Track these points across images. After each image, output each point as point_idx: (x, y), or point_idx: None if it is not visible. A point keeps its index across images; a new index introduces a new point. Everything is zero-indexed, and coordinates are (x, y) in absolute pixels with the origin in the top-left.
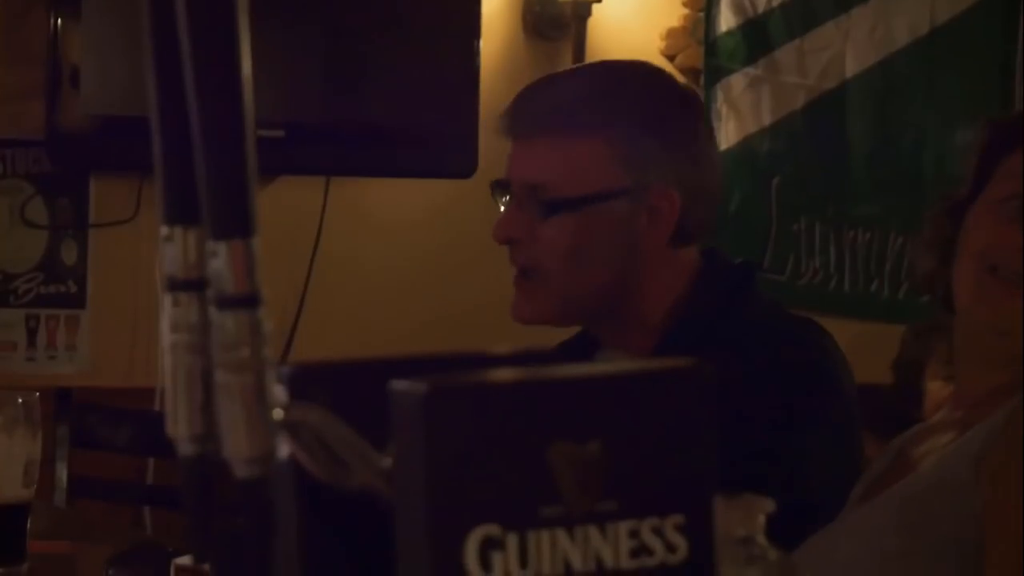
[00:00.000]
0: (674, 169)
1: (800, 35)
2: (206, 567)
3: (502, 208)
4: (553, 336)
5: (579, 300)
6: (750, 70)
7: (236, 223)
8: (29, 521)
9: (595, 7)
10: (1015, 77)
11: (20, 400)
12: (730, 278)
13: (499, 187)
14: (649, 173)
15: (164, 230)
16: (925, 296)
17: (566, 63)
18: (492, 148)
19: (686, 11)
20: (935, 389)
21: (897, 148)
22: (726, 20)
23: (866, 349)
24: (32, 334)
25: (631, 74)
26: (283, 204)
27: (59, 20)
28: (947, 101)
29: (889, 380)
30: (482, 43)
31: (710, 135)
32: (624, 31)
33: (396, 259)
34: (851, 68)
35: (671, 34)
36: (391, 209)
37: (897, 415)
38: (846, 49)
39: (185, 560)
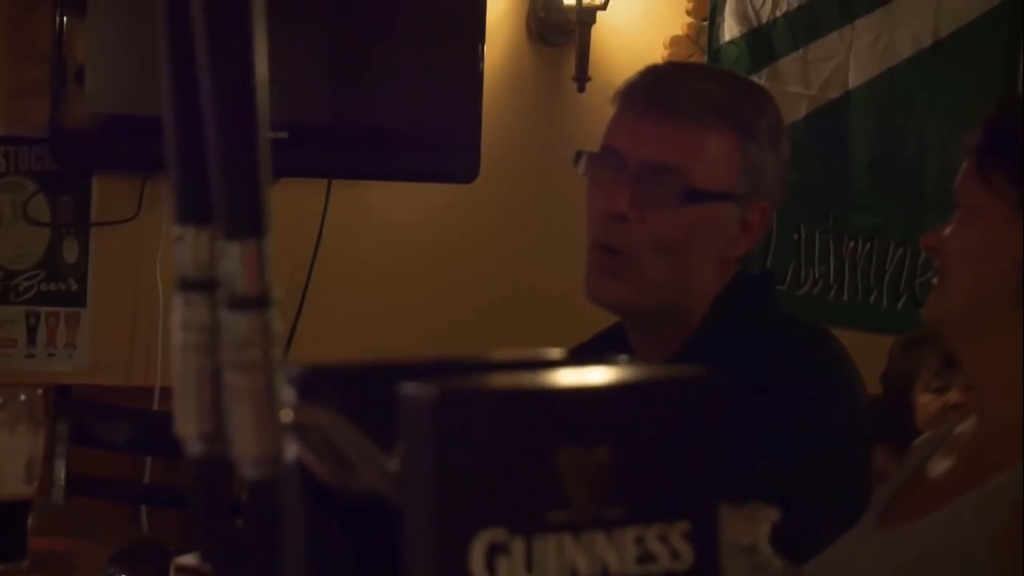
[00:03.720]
0: (775, 189)
1: (804, 45)
2: (207, 567)
3: (586, 175)
4: (558, 339)
5: (662, 294)
6: (753, 79)
7: (249, 223)
8: (30, 517)
9: (599, 14)
10: (1017, 89)
11: (23, 397)
12: (752, 286)
13: (602, 158)
14: (760, 186)
15: (176, 229)
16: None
17: (570, 70)
18: (494, 154)
19: (690, 19)
20: (926, 402)
21: (899, 159)
22: (730, 29)
23: (864, 360)
24: (32, 331)
25: (763, 89)
26: (285, 206)
27: (64, 18)
28: (949, 113)
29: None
30: (486, 48)
31: None
32: (628, 38)
33: (396, 262)
34: (854, 79)
35: (675, 42)
36: (392, 212)
37: (888, 428)
38: (849, 60)
39: (186, 559)
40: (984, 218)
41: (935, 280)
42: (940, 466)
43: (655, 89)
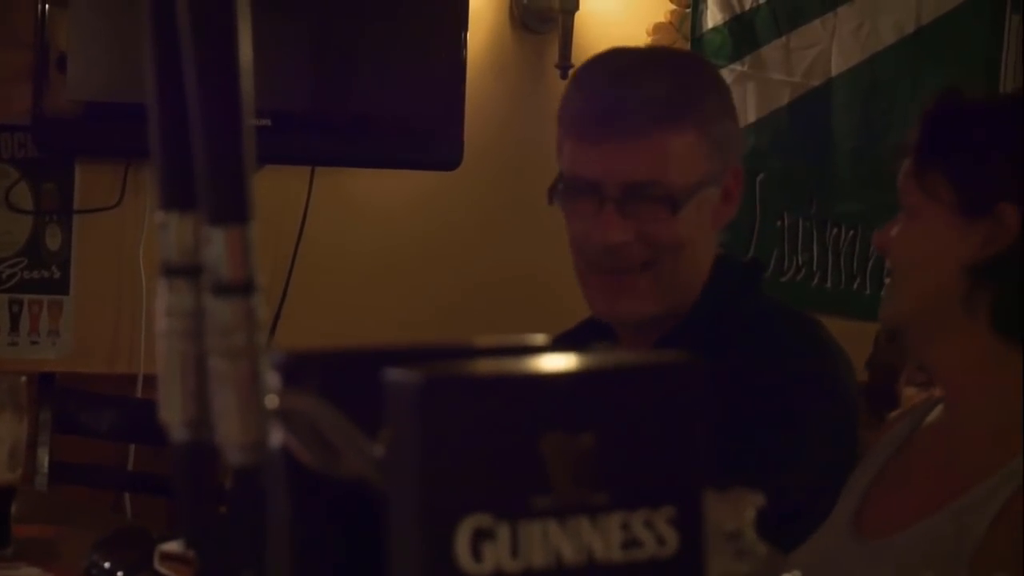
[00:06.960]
0: (740, 148)
1: (786, 32)
2: (192, 553)
3: (562, 208)
4: (541, 326)
5: (679, 294)
6: (736, 67)
7: (233, 209)
8: (13, 505)
9: (583, 1)
10: (1000, 76)
11: (6, 384)
12: (740, 273)
13: (576, 189)
14: (729, 155)
15: (160, 215)
16: None
17: (553, 57)
18: (477, 141)
19: (673, 7)
20: (910, 395)
21: (882, 146)
22: (713, 16)
23: (848, 347)
24: (15, 319)
25: (698, 60)
26: (268, 193)
27: (47, 5)
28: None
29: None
30: (469, 35)
31: None
32: (611, 25)
33: (380, 250)
34: (837, 66)
35: (658, 29)
36: (376, 200)
37: (872, 415)
38: (832, 47)
39: (170, 546)
40: (923, 220)
41: (887, 280)
42: (915, 462)
43: (601, 110)
